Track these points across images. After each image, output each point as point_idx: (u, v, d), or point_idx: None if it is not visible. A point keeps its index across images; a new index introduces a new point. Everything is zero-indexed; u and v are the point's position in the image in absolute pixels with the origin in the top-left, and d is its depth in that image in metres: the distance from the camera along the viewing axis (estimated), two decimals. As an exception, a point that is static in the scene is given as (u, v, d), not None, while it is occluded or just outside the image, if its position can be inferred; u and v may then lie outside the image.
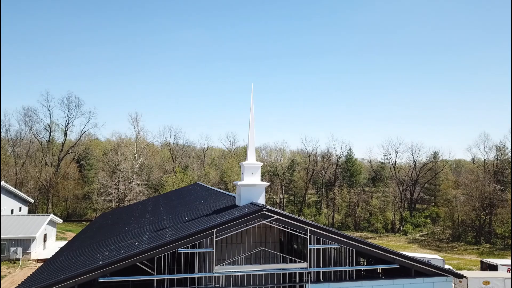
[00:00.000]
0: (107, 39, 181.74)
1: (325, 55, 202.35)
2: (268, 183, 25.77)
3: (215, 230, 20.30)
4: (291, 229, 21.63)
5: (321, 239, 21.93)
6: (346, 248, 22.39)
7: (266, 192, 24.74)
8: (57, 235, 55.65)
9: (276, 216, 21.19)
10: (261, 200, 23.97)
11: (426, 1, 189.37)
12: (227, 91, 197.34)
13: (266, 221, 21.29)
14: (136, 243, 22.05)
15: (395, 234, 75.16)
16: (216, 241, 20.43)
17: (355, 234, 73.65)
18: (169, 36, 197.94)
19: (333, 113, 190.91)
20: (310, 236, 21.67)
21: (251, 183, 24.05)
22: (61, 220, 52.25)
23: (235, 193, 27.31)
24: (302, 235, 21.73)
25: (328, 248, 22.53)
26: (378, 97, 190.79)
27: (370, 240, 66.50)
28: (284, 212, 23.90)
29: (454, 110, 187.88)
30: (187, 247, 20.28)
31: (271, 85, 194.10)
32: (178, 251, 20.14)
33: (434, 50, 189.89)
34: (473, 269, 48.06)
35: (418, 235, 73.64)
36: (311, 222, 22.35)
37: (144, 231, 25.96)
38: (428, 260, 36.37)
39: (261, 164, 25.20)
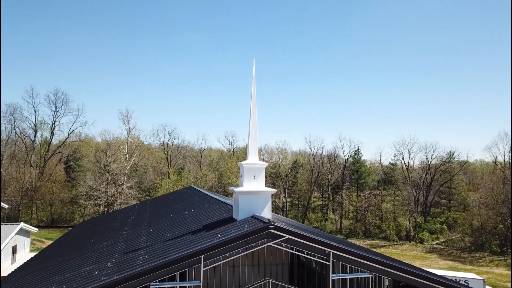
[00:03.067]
0: (98, 32, 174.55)
1: (331, 52, 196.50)
2: (275, 190, 19.62)
3: (202, 256, 14.58)
4: (307, 253, 15.99)
5: (348, 265, 16.39)
6: (382, 277, 16.66)
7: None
8: (33, 244, 49.80)
9: (288, 236, 15.43)
10: (266, 213, 17.74)
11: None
12: (227, 89, 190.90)
13: (273, 243, 15.55)
14: (96, 272, 16.18)
15: (410, 242, 68.89)
16: (204, 270, 14.78)
17: (366, 242, 67.60)
18: (165, 33, 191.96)
19: (340, 111, 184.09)
20: (333, 262, 16.11)
21: (253, 190, 17.69)
22: (36, 229, 46.29)
23: (233, 199, 21.32)
24: (323, 261, 16.04)
25: (356, 277, 16.79)
26: (386, 96, 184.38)
27: (383, 250, 60.38)
28: (298, 227, 18.10)
29: (471, 108, 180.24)
30: (164, 280, 14.58)
31: (271, 84, 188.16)
32: (151, 286, 14.41)
33: (450, 47, 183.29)
34: (509, 287, 42.00)
35: (435, 243, 67.43)
36: (335, 244, 16.39)
37: (115, 251, 20.07)
38: (465, 281, 30.40)
39: (266, 164, 19.07)
